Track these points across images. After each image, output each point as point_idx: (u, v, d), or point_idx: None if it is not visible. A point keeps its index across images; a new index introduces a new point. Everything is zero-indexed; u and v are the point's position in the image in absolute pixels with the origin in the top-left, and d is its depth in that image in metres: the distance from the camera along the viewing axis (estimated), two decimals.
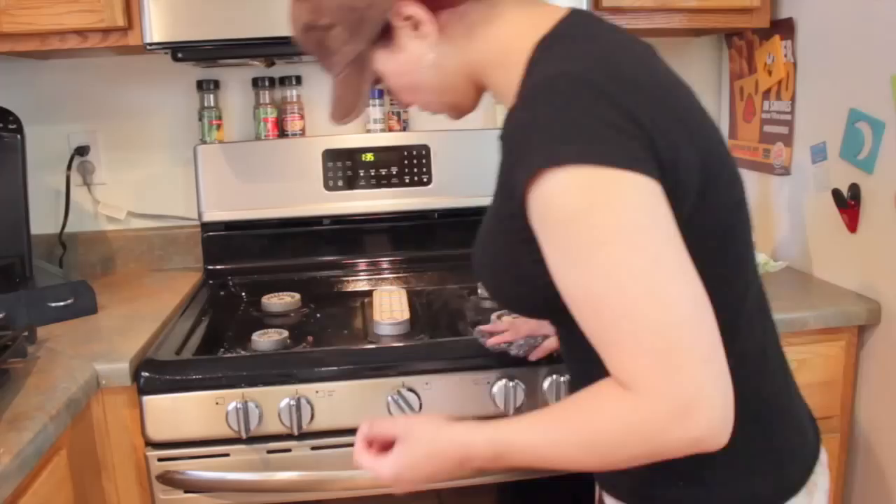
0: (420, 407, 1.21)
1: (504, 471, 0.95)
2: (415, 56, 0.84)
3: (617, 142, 0.68)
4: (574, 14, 0.82)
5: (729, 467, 0.79)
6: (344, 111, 0.90)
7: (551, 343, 1.18)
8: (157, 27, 1.36)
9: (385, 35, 0.83)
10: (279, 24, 1.37)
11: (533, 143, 0.70)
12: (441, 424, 0.80)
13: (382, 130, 1.80)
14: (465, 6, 0.82)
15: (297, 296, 1.59)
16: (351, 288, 1.73)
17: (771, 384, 0.85)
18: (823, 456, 0.88)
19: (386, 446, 0.83)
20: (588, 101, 0.70)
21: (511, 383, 1.22)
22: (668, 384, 0.65)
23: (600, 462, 0.73)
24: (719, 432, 0.66)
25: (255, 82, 1.76)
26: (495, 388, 1.22)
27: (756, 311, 0.84)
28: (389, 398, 1.20)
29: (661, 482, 0.81)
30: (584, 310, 0.69)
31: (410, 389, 1.21)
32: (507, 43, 0.81)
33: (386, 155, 1.76)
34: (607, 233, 0.66)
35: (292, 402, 1.18)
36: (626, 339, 0.66)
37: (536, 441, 0.73)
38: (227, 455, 1.20)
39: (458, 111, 0.93)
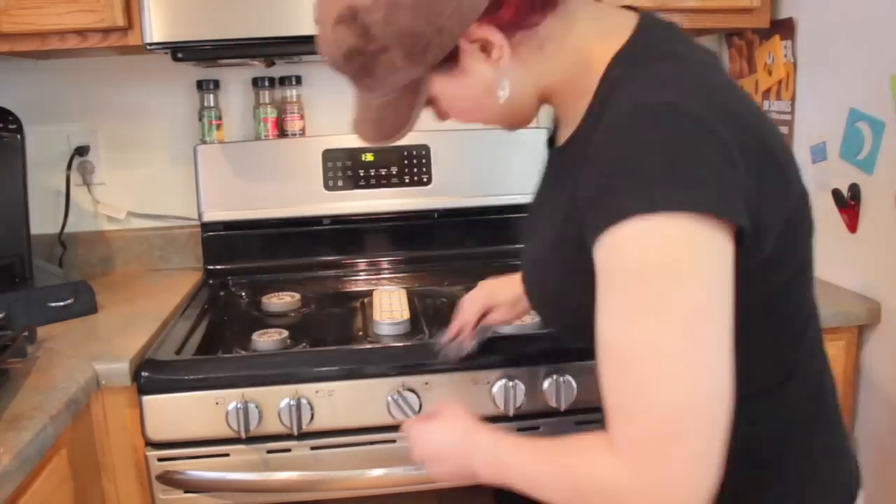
0: (420, 407, 1.21)
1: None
2: (482, 80, 0.77)
3: (718, 190, 0.64)
4: (645, 21, 0.78)
5: (784, 495, 0.80)
6: (385, 134, 0.83)
7: (495, 317, 1.18)
8: (157, 27, 1.36)
9: (448, 58, 0.75)
10: (279, 24, 1.37)
11: (626, 179, 0.66)
12: (465, 427, 0.86)
13: None
14: (541, 26, 0.76)
15: (297, 296, 1.59)
16: (351, 288, 1.73)
17: (824, 415, 0.85)
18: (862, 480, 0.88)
19: None
20: (694, 140, 0.65)
21: (511, 383, 1.22)
22: (653, 469, 0.64)
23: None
24: None
25: (255, 82, 1.76)
26: (495, 388, 1.22)
27: (815, 344, 0.85)
28: (389, 398, 1.20)
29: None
30: (612, 365, 0.68)
31: (410, 389, 1.21)
32: (581, 58, 0.77)
33: (386, 155, 1.76)
34: (667, 302, 0.64)
35: (292, 402, 1.18)
36: (637, 410, 0.65)
37: (521, 470, 0.77)
38: (227, 455, 1.20)
39: (518, 126, 0.87)
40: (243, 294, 1.69)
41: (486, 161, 1.79)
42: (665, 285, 0.64)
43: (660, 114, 0.66)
